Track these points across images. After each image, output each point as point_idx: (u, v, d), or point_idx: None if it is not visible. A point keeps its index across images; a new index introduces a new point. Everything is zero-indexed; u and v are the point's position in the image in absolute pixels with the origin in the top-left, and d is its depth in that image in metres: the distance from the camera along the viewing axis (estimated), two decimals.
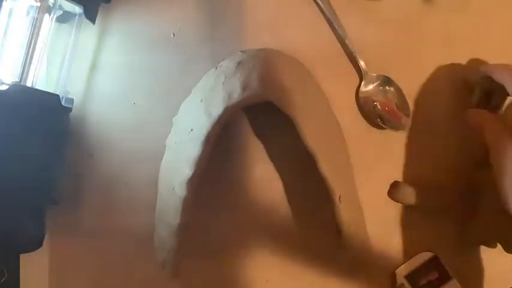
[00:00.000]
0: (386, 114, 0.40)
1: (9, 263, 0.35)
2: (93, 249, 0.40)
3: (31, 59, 0.36)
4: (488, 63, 0.40)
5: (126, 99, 0.41)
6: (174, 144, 0.39)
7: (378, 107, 0.40)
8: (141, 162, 0.40)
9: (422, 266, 0.39)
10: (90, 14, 0.39)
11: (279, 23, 0.41)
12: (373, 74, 0.40)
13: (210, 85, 0.38)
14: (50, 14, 0.38)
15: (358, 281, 0.39)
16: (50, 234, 0.39)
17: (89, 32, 0.42)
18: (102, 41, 0.42)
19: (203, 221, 0.40)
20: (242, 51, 0.40)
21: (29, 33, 0.37)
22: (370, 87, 0.40)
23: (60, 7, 0.39)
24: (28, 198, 0.36)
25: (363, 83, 0.40)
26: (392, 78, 0.40)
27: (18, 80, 0.36)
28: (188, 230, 0.35)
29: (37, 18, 0.37)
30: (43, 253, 0.40)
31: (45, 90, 0.38)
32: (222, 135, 0.35)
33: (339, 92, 0.40)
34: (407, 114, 0.40)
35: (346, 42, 0.40)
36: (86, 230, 0.40)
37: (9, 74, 0.37)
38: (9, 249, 0.35)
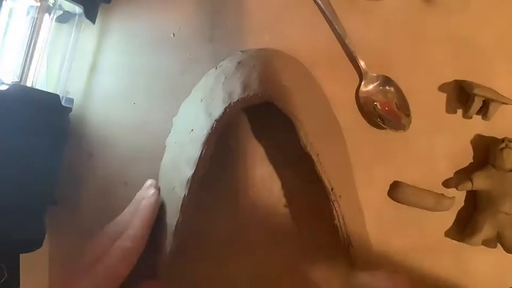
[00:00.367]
0: (387, 114, 0.40)
1: (9, 263, 0.35)
2: None
3: (31, 59, 0.37)
4: None
5: (126, 99, 0.41)
6: (174, 144, 0.39)
7: (378, 107, 0.40)
8: (141, 162, 0.40)
9: None
10: (90, 14, 0.39)
11: (279, 23, 0.41)
12: (373, 74, 0.40)
13: (210, 85, 0.38)
14: (50, 14, 0.38)
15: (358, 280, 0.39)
16: (50, 234, 0.39)
17: (89, 32, 0.42)
18: (102, 41, 0.42)
19: (203, 220, 0.40)
20: (242, 51, 0.40)
21: (29, 33, 0.37)
22: (370, 87, 0.40)
23: (60, 7, 0.39)
24: (28, 198, 0.36)
25: (363, 83, 0.40)
26: (392, 78, 0.40)
27: (18, 80, 0.36)
28: (188, 230, 0.35)
29: (37, 18, 0.37)
30: (43, 253, 0.40)
31: (45, 90, 0.38)
32: (222, 135, 0.35)
33: (339, 92, 0.40)
34: (407, 114, 0.40)
35: (346, 42, 0.40)
36: (86, 230, 0.40)
37: (9, 74, 0.37)
38: (9, 249, 0.35)
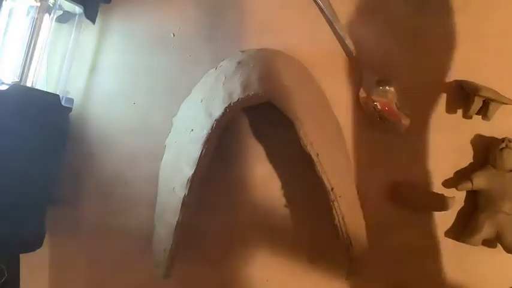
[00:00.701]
0: (387, 114, 0.40)
1: (9, 263, 0.35)
2: (93, 249, 0.40)
3: (31, 59, 0.37)
4: None
5: (126, 99, 0.41)
6: (174, 144, 0.39)
7: (378, 107, 0.40)
8: (141, 162, 0.40)
9: None
10: (90, 14, 0.39)
11: (279, 23, 0.41)
12: (373, 74, 0.40)
13: (210, 85, 0.38)
14: (50, 14, 0.38)
15: (358, 280, 0.39)
16: (50, 234, 0.39)
17: (89, 32, 0.42)
18: (102, 41, 0.42)
19: (203, 221, 0.40)
20: (242, 51, 0.40)
21: (29, 33, 0.37)
22: (370, 87, 0.40)
23: (60, 7, 0.39)
24: (28, 198, 0.36)
25: (363, 83, 0.40)
26: (392, 78, 0.40)
27: (18, 80, 0.36)
28: (188, 230, 0.35)
29: (37, 18, 0.37)
30: (43, 253, 0.40)
31: (45, 90, 0.38)
32: (222, 135, 0.35)
33: (339, 92, 0.40)
34: (407, 114, 0.40)
35: (346, 42, 0.40)
36: (86, 230, 0.40)
37: (9, 74, 0.37)
38: (9, 249, 0.35)
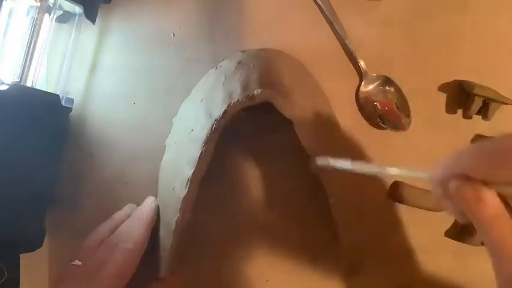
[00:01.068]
0: (387, 114, 0.40)
1: (9, 263, 0.35)
2: None
3: (31, 59, 0.37)
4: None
5: (126, 99, 0.41)
6: (174, 144, 0.39)
7: (378, 107, 0.40)
8: (141, 162, 0.40)
9: None
10: (90, 14, 0.39)
11: (279, 23, 0.41)
12: (373, 74, 0.40)
13: (210, 85, 0.38)
14: (50, 14, 0.38)
15: (358, 281, 0.39)
16: (50, 234, 0.39)
17: (89, 32, 0.42)
18: (102, 41, 0.42)
19: (203, 221, 0.40)
20: (242, 51, 0.40)
21: (29, 33, 0.37)
22: (370, 87, 0.40)
23: (60, 7, 0.39)
24: (28, 198, 0.36)
25: (363, 83, 0.40)
26: (392, 78, 0.40)
27: (18, 80, 0.36)
28: (188, 230, 0.35)
29: (37, 18, 0.37)
30: (43, 253, 0.40)
31: (45, 90, 0.38)
32: (222, 135, 0.35)
33: (339, 92, 0.40)
34: (407, 114, 0.40)
35: (346, 42, 0.40)
36: (86, 230, 0.40)
37: (9, 74, 0.37)
38: (9, 249, 0.35)
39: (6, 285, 0.34)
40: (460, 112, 0.40)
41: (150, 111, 0.41)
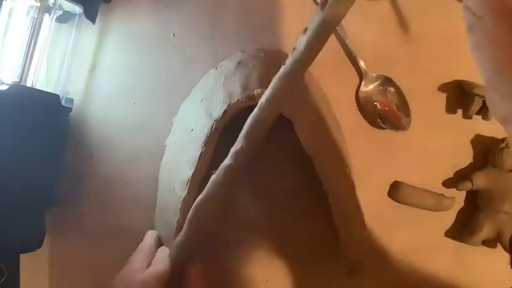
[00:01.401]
0: (387, 114, 0.40)
1: (9, 263, 0.35)
2: (93, 249, 0.40)
3: (31, 59, 0.36)
4: None
5: (126, 99, 0.41)
6: (174, 144, 0.39)
7: (378, 107, 0.40)
8: (141, 162, 0.40)
9: None
10: (90, 14, 0.39)
11: (279, 23, 0.41)
12: (373, 74, 0.40)
13: (210, 85, 0.38)
14: (50, 14, 0.38)
15: (358, 280, 0.39)
16: (50, 234, 0.39)
17: (89, 32, 0.42)
18: (102, 41, 0.42)
19: None
20: (242, 51, 0.40)
21: (29, 33, 0.37)
22: (370, 87, 0.40)
23: (60, 7, 0.39)
24: (28, 198, 0.36)
25: (363, 83, 0.40)
26: (392, 78, 0.40)
27: (18, 80, 0.36)
28: None
29: (37, 18, 0.37)
30: (43, 253, 0.40)
31: (45, 90, 0.38)
32: (222, 135, 0.35)
33: (339, 92, 0.40)
34: (407, 114, 0.40)
35: (346, 42, 0.40)
36: (86, 230, 0.40)
37: (9, 74, 0.37)
38: (9, 249, 0.35)
39: (6, 285, 0.34)
40: (460, 112, 0.41)
41: (150, 111, 0.41)
